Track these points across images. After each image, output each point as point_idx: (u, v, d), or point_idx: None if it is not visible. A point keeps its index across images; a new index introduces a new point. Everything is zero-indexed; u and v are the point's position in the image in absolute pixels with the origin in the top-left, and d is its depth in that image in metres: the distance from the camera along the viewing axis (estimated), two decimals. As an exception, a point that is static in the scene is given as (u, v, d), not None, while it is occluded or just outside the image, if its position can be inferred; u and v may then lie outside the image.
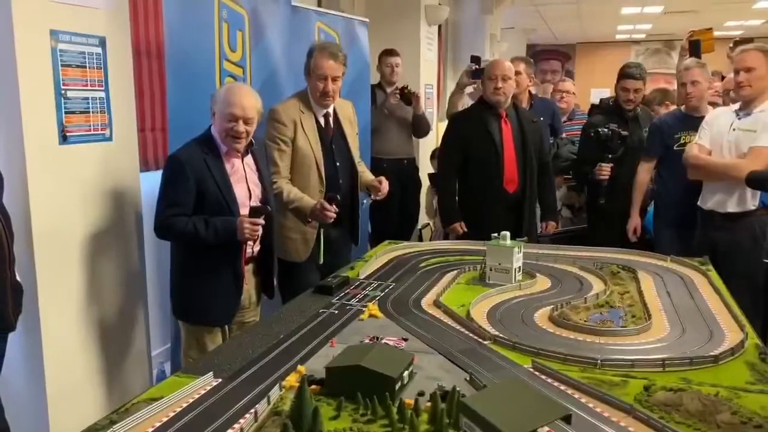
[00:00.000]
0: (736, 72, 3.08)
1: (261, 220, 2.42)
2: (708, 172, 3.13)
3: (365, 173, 3.25)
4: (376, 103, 4.75)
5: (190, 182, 2.38)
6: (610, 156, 3.78)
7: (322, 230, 2.98)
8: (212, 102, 2.46)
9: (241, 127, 2.41)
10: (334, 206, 2.81)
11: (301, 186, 2.96)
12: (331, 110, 3.10)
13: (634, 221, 3.73)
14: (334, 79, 2.95)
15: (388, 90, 4.82)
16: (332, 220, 2.85)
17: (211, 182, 2.41)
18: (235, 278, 2.52)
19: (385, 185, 3.10)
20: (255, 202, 2.55)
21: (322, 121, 3.05)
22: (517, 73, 4.01)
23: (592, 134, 3.83)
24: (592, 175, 3.84)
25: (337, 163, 3.06)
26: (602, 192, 3.82)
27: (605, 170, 3.79)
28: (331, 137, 3.07)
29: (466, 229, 3.52)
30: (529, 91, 4.47)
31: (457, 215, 3.59)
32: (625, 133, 3.78)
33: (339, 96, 3.12)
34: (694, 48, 4.57)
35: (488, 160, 3.51)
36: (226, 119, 2.39)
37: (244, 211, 2.47)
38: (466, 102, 4.83)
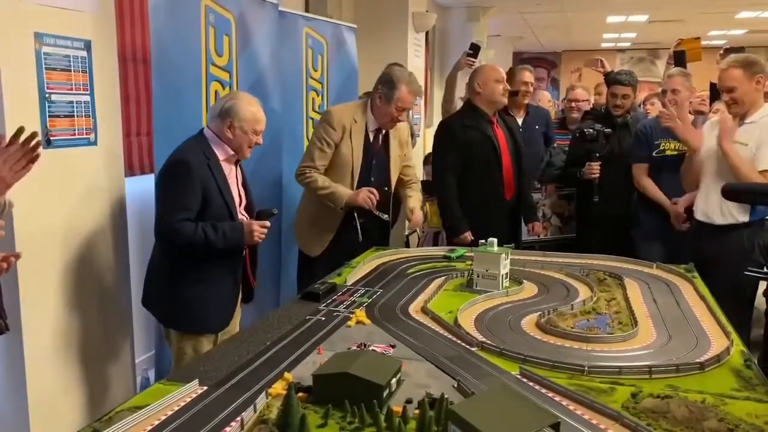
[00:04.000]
0: (721, 92, 3.06)
1: (268, 223, 2.47)
2: (731, 162, 2.94)
3: (411, 198, 3.29)
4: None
5: (197, 187, 2.35)
6: (597, 155, 3.88)
7: (356, 213, 3.10)
8: (231, 116, 2.43)
9: (261, 139, 2.52)
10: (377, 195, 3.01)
11: None
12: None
13: (676, 212, 3.46)
14: (409, 110, 3.17)
15: None
16: (370, 205, 3.00)
17: (214, 187, 2.40)
18: (234, 283, 2.54)
19: (415, 217, 3.20)
20: (244, 206, 2.56)
21: (371, 135, 3.16)
22: (527, 83, 4.19)
23: (578, 134, 3.97)
24: (581, 174, 3.92)
25: (372, 179, 3.14)
26: (594, 190, 3.88)
27: (594, 168, 3.88)
28: (374, 153, 3.14)
29: (473, 238, 3.39)
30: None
31: (465, 224, 3.45)
32: (608, 130, 3.89)
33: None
34: (679, 58, 4.63)
35: (490, 167, 3.47)
36: (255, 134, 2.48)
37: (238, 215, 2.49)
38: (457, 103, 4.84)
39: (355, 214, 3.10)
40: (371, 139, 3.14)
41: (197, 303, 2.45)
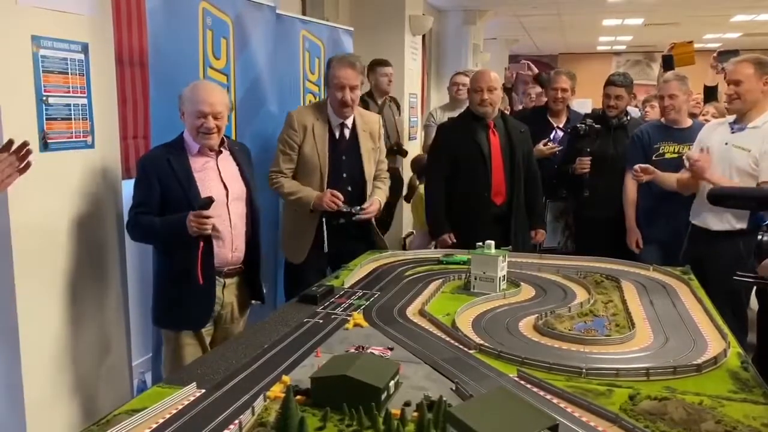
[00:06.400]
0: (728, 84, 3.05)
1: (207, 212, 2.34)
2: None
3: (377, 190, 3.22)
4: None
5: (153, 182, 2.42)
6: (588, 150, 3.94)
7: (324, 219, 3.06)
8: (180, 102, 2.48)
9: (211, 122, 2.43)
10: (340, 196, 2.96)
11: None
12: (349, 122, 3.15)
13: (634, 234, 3.71)
14: (353, 89, 3.02)
15: (379, 101, 4.89)
16: (334, 209, 2.96)
17: (173, 181, 2.42)
18: (200, 283, 2.44)
19: (370, 206, 3.10)
20: (236, 199, 2.54)
21: (336, 131, 3.11)
22: (564, 90, 4.28)
23: (570, 130, 4.07)
24: (572, 170, 3.97)
25: (344, 174, 3.09)
26: (585, 184, 3.94)
27: (585, 163, 3.93)
28: (343, 150, 3.10)
29: (455, 240, 3.49)
30: (567, 105, 4.48)
31: (446, 226, 3.54)
32: (597, 126, 3.96)
33: (357, 105, 3.17)
34: (666, 63, 4.66)
35: (476, 172, 3.50)
36: (196, 116, 2.42)
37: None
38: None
39: (324, 220, 3.07)
40: (337, 135, 3.10)
41: (168, 301, 2.50)
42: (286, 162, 3.06)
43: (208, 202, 2.36)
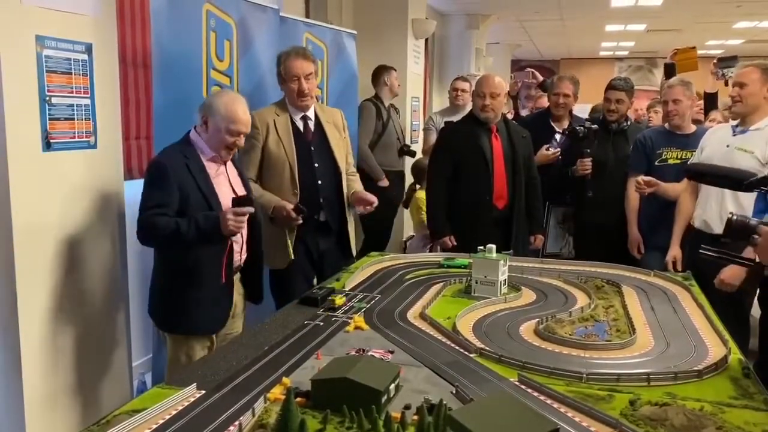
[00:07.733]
0: (732, 86, 3.08)
1: (246, 209, 2.32)
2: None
3: (357, 183, 3.21)
4: (382, 118, 4.86)
5: (173, 186, 2.33)
6: (588, 151, 3.93)
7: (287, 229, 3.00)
8: (206, 111, 2.41)
9: (242, 141, 2.44)
10: (300, 216, 2.89)
11: (274, 187, 2.99)
12: (311, 114, 3.10)
13: (636, 240, 3.70)
14: (307, 77, 2.99)
15: (387, 104, 4.95)
16: (294, 224, 2.92)
17: (193, 186, 2.36)
18: (223, 284, 2.44)
19: (359, 195, 3.07)
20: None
21: (300, 124, 3.06)
22: (566, 95, 4.23)
23: (568, 132, 4.06)
24: (573, 172, 3.95)
25: (316, 164, 3.04)
26: (588, 185, 3.92)
27: (586, 164, 3.91)
28: (310, 141, 3.06)
29: (455, 243, 3.49)
30: (570, 110, 4.44)
31: (447, 229, 3.54)
32: (594, 126, 3.95)
33: (314, 95, 3.12)
34: (669, 70, 4.66)
35: (478, 175, 3.50)
36: (229, 134, 2.38)
37: None
38: None
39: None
40: (301, 128, 3.06)
41: (186, 305, 2.42)
42: (248, 163, 2.98)
43: (248, 199, 2.33)
